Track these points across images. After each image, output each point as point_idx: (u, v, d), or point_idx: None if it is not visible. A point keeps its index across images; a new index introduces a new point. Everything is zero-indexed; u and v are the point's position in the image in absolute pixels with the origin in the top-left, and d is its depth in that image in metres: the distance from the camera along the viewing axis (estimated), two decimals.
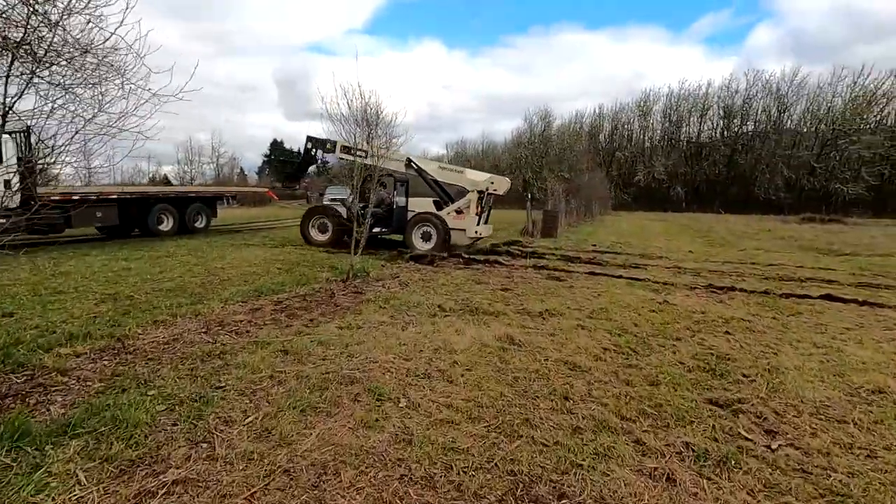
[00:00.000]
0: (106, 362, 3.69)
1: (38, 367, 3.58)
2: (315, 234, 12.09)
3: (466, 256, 9.99)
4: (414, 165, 11.58)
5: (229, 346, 4.06)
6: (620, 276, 8.00)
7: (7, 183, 11.00)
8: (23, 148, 11.38)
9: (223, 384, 3.31)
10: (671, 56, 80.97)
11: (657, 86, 78.55)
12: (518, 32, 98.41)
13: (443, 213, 11.21)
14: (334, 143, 12.42)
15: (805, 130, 48.15)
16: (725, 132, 51.87)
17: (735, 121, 51.29)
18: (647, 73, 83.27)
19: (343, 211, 11.73)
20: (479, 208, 11.10)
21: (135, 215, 13.45)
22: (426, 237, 11.12)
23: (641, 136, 57.43)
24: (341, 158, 12.88)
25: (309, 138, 13.10)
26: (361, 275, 7.41)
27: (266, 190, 20.31)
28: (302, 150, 13.66)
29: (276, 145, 57.99)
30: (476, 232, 11.10)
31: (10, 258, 9.68)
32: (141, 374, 3.45)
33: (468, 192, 11.10)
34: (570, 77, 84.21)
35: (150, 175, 51.62)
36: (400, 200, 11.76)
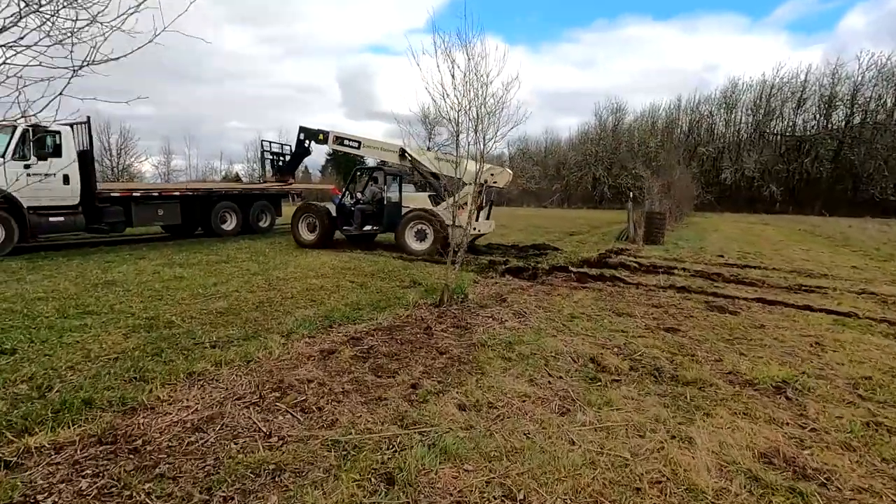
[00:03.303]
0: (85, 480, 2.14)
1: None
2: (304, 234, 11.13)
3: (574, 270, 8.03)
4: (408, 157, 10.59)
5: (291, 449, 2.40)
6: (808, 308, 5.76)
7: (66, 178, 10.32)
8: (82, 140, 10.71)
9: None
10: (749, 45, 73.27)
11: (736, 76, 71.46)
12: (581, 26, 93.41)
13: (439, 209, 9.99)
14: (326, 134, 11.92)
15: None
16: (829, 123, 45.91)
17: (840, 111, 45.27)
18: (720, 63, 75.99)
19: (332, 209, 10.95)
20: (479, 203, 9.57)
21: (198, 214, 12.58)
22: (421, 236, 10.03)
23: (726, 130, 52.29)
24: (334, 150, 12.31)
25: (301, 129, 12.46)
26: (458, 296, 5.67)
27: (332, 187, 19.24)
28: (294, 143, 13.00)
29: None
30: (476, 229, 9.54)
31: (61, 260, 8.89)
32: None
33: (467, 185, 9.43)
34: (635, 70, 78.52)
35: (223, 173, 53.35)
36: (392, 196, 10.58)
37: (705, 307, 5.69)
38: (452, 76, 4.93)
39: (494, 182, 9.86)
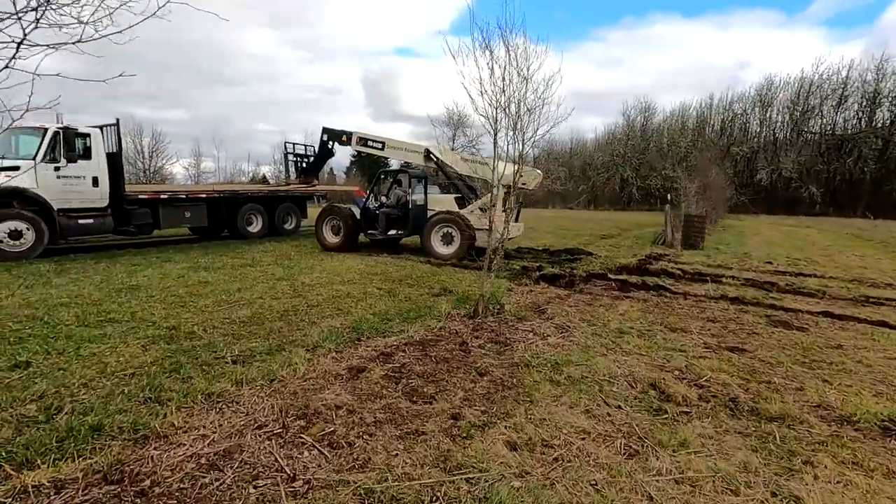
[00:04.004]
0: None
1: None
2: (328, 236, 10.89)
3: (614, 278, 7.55)
4: (434, 158, 10.31)
5: (319, 497, 2.06)
6: (885, 324, 5.16)
7: (95, 180, 10.34)
8: (111, 143, 10.73)
9: None
10: (784, 41, 70.33)
11: (771, 73, 68.64)
12: (608, 25, 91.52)
13: (466, 212, 9.73)
14: (350, 135, 11.59)
15: None
16: (872, 121, 43.67)
17: (885, 108, 42.97)
18: (753, 61, 73.05)
19: (356, 211, 10.72)
20: (508, 205, 9.12)
21: (224, 215, 12.51)
22: (447, 240, 9.69)
23: (761, 129, 50.38)
24: (358, 151, 12.09)
25: (324, 130, 12.25)
26: (494, 306, 5.28)
27: (356, 189, 19.07)
28: (317, 145, 12.81)
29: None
30: (504, 232, 9.01)
31: (89, 262, 8.85)
32: None
33: (494, 186, 9.00)
34: (664, 69, 76.37)
35: (251, 174, 54.15)
36: (417, 198, 10.26)
37: (767, 322, 5.15)
38: (491, 71, 4.55)
39: (524, 184, 9.45)
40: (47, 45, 1.96)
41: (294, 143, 13.91)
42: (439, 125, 47.75)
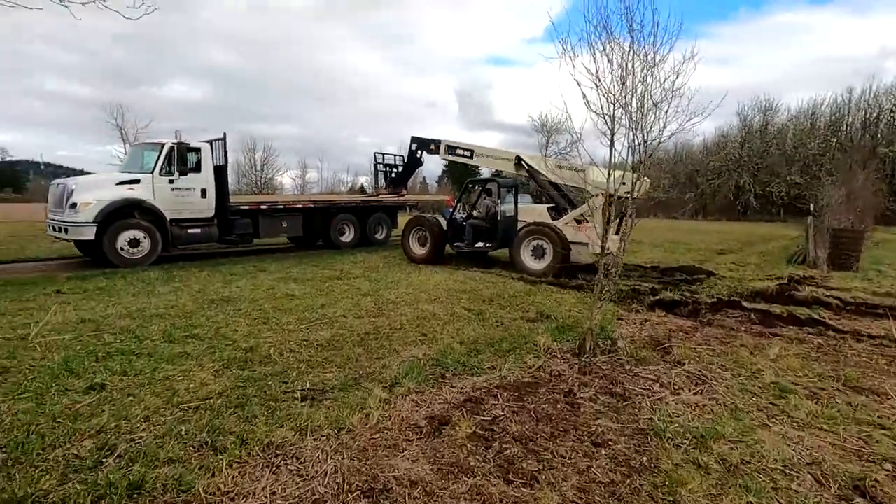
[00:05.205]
0: None
1: None
2: (414, 248, 10.47)
3: (750, 307, 6.21)
4: (525, 165, 9.81)
5: None
6: None
7: (203, 192, 10.95)
8: (218, 156, 11.33)
9: None
10: None
11: None
12: (720, 20, 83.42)
13: (560, 223, 9.04)
14: (438, 143, 11.36)
15: None
16: None
17: None
18: None
19: (444, 222, 10.29)
20: (608, 216, 7.82)
21: (318, 225, 12.74)
22: (538, 253, 8.95)
23: None
24: (446, 159, 11.88)
25: (413, 139, 12.05)
26: (604, 342, 4.39)
27: (447, 198, 18.81)
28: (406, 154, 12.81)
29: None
30: (604, 247, 7.67)
31: (192, 270, 9.27)
32: None
33: (593, 196, 8.00)
34: (786, 63, 67.68)
35: (350, 184, 57.04)
36: (507, 209, 9.51)
37: None
38: (609, 59, 3.72)
39: (628, 192, 8.39)
40: None
41: (383, 154, 13.92)
42: (532, 133, 46.63)
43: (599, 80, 3.77)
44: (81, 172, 25.98)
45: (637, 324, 5.46)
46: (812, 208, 11.87)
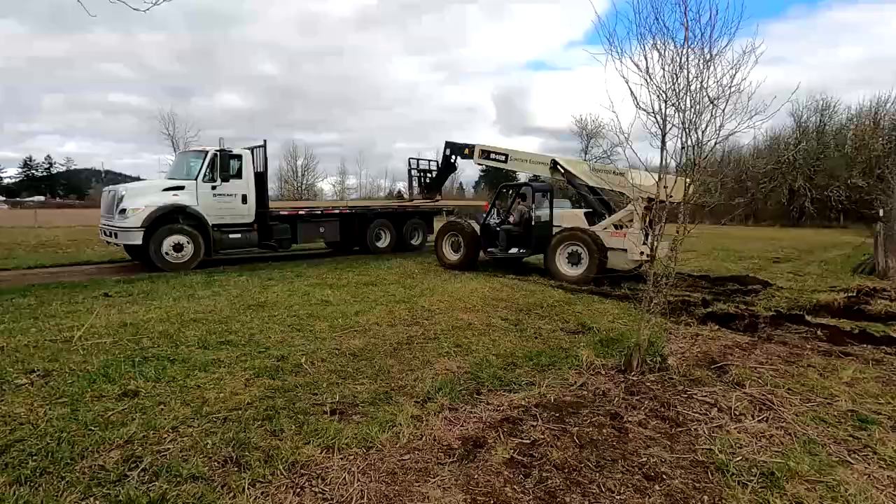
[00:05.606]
0: None
1: None
2: (448, 253, 10.30)
3: (815, 322, 5.69)
4: (561, 169, 9.61)
5: None
6: None
7: (244, 198, 11.15)
8: (259, 162, 11.55)
9: None
10: None
11: None
12: (771, 17, 79.59)
13: (597, 229, 8.75)
14: (472, 148, 11.21)
15: None
16: None
17: None
18: None
19: (477, 227, 10.11)
20: (647, 221, 7.75)
21: (355, 231, 12.79)
22: (574, 259, 8.73)
23: None
24: (480, 164, 11.50)
25: (447, 144, 11.93)
26: (653, 358, 4.07)
27: (484, 203, 18.57)
28: (440, 159, 12.66)
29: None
30: (643, 253, 7.68)
31: (232, 275, 9.43)
32: None
33: (631, 200, 7.67)
34: (843, 61, 63.27)
35: (388, 190, 57.69)
36: (542, 214, 9.41)
37: None
38: (660, 53, 3.44)
39: (669, 197, 7.95)
40: None
41: (418, 159, 13.84)
42: (571, 137, 45.76)
43: (650, 76, 3.49)
44: (136, 179, 27.36)
45: (688, 338, 5.08)
46: (881, 213, 10.92)
